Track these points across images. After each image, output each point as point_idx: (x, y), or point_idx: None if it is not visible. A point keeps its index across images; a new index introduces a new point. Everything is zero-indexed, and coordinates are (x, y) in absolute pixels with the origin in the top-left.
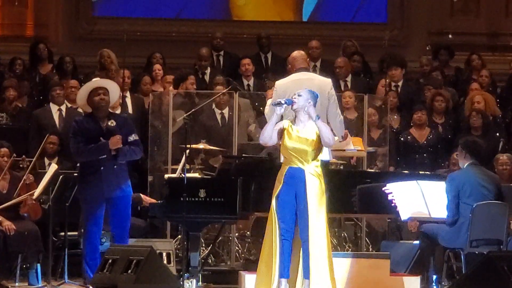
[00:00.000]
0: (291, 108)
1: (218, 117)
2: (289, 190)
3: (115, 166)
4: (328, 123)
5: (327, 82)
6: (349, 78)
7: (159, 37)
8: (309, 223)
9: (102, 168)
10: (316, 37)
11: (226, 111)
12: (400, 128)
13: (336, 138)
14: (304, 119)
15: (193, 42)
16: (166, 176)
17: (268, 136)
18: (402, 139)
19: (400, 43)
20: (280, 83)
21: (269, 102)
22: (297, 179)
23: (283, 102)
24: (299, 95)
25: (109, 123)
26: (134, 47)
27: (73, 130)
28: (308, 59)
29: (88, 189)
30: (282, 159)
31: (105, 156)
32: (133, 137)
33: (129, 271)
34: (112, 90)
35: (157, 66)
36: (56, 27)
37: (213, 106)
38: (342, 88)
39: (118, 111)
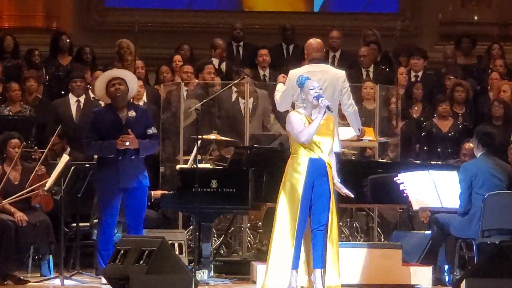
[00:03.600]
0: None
1: (242, 107)
2: (309, 182)
3: (132, 157)
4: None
5: (341, 75)
6: (371, 68)
7: (170, 28)
8: (330, 213)
9: (120, 158)
10: (327, 27)
11: (250, 101)
12: (422, 118)
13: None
14: (322, 111)
15: (204, 33)
16: (178, 166)
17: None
18: (425, 129)
19: (411, 33)
20: (293, 73)
21: (278, 87)
22: (319, 170)
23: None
24: (320, 88)
25: (129, 114)
26: (145, 38)
27: (90, 121)
28: (324, 48)
29: (105, 179)
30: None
31: (112, 155)
32: (152, 130)
33: (141, 262)
34: (130, 80)
35: (177, 57)
36: (67, 19)
37: (233, 97)
38: (364, 77)
39: (141, 103)
